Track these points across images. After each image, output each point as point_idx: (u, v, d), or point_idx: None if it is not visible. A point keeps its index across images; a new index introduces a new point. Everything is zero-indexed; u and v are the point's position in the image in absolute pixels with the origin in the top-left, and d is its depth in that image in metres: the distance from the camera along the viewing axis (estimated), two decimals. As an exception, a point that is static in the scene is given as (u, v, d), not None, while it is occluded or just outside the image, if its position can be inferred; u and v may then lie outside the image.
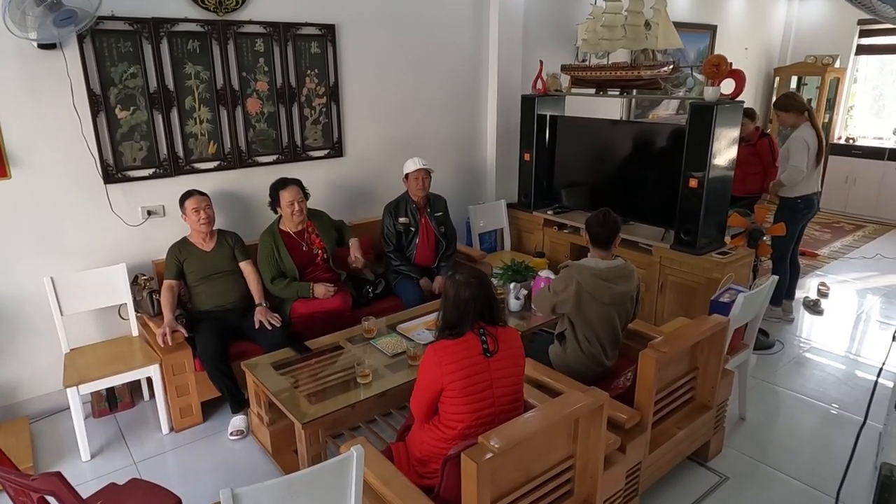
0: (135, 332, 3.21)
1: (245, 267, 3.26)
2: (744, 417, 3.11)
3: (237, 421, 3.01)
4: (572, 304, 2.59)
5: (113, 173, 3.16)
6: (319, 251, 3.44)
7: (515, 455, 1.79)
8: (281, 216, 3.39)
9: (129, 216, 3.25)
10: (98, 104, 3.04)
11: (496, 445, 1.68)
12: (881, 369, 2.18)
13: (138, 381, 3.28)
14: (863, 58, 7.36)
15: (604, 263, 2.62)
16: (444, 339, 2.02)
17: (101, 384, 2.88)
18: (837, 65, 7.12)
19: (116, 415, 3.21)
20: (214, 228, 3.25)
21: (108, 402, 3.21)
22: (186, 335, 3.02)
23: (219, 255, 3.21)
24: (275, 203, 3.35)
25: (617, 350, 2.73)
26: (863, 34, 7.16)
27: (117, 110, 3.10)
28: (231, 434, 2.98)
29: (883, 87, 7.55)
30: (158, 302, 3.12)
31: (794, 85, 7.50)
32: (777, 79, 7.57)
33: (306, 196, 3.40)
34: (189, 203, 3.11)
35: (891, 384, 3.12)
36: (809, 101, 7.29)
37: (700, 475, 2.71)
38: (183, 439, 3.01)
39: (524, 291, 3.36)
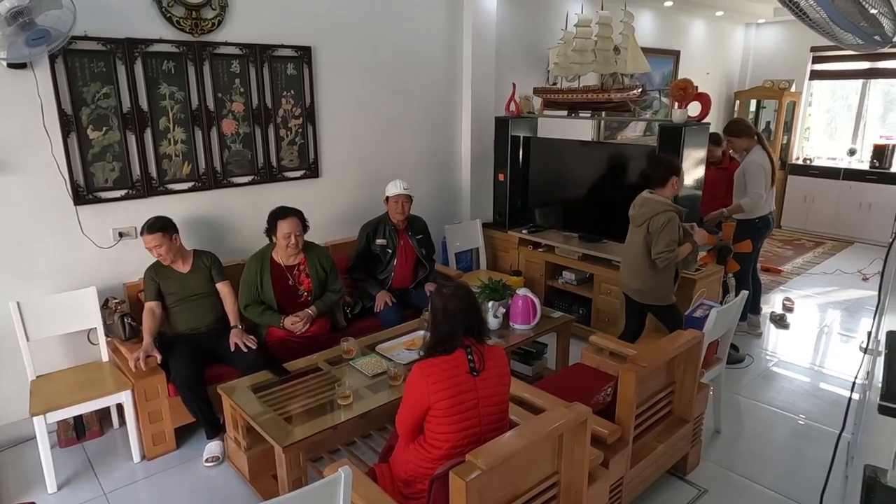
0: (105, 358, 3.12)
1: (222, 288, 3.20)
2: (719, 430, 3.18)
3: (213, 447, 2.93)
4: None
5: (84, 194, 3.09)
6: (305, 292, 3.31)
7: (502, 472, 1.79)
8: (275, 244, 3.29)
9: (99, 238, 3.18)
10: (69, 124, 2.99)
11: (484, 463, 1.68)
12: (854, 383, 2.26)
13: (108, 409, 3.16)
14: (816, 82, 7.72)
15: (644, 193, 3.23)
16: (434, 356, 2.01)
17: (70, 412, 2.78)
18: (793, 89, 7.45)
19: (84, 444, 3.10)
20: (190, 249, 3.20)
21: (76, 431, 3.09)
22: (159, 360, 2.94)
23: (196, 277, 3.14)
24: (271, 231, 3.24)
25: (629, 270, 3.31)
26: (815, 60, 7.53)
27: (89, 130, 3.05)
28: (206, 460, 2.90)
29: (835, 111, 7.92)
30: (130, 326, 3.04)
31: (753, 108, 7.81)
32: (737, 102, 7.87)
33: (305, 228, 3.30)
34: (144, 243, 3.00)
35: (857, 395, 3.23)
36: (768, 123, 7.62)
37: (679, 489, 2.75)
38: (155, 467, 2.91)
39: (502, 310, 3.39)
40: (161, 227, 3.01)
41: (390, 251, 3.73)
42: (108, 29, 3.01)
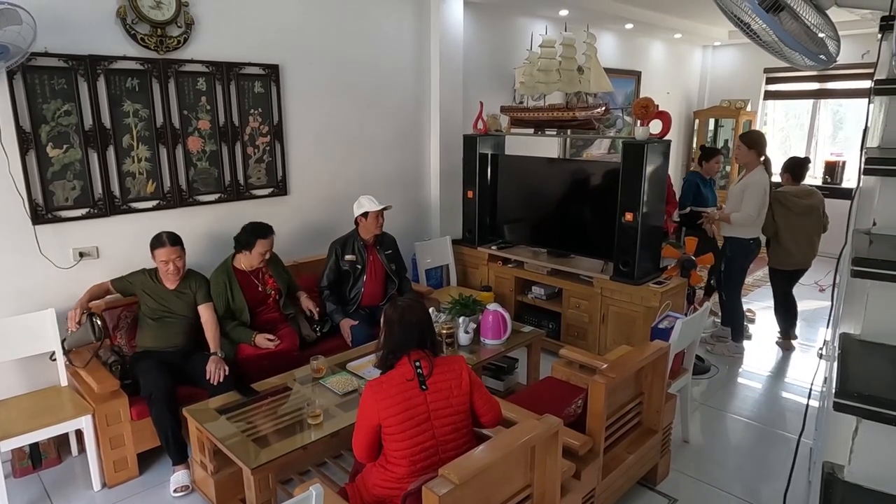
0: (64, 382, 3.01)
1: (204, 311, 3.12)
2: (687, 440, 3.23)
3: (180, 476, 2.81)
4: (770, 217, 4.11)
5: (42, 213, 3.01)
6: (273, 292, 3.40)
7: (476, 486, 1.79)
8: (236, 254, 3.33)
9: (59, 258, 3.09)
10: (28, 142, 2.91)
11: (457, 477, 1.68)
12: (811, 389, 2.35)
13: (66, 435, 3.05)
14: (770, 102, 8.04)
15: (794, 188, 4.17)
16: (387, 369, 2.06)
17: (25, 439, 2.66)
18: (749, 108, 7.74)
19: (41, 473, 2.97)
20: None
21: (32, 460, 2.96)
22: (120, 383, 2.84)
23: (179, 297, 3.09)
24: (244, 245, 3.27)
25: (811, 247, 4.21)
26: (769, 81, 7.84)
27: (49, 148, 2.98)
28: (175, 491, 2.78)
29: (788, 129, 8.25)
30: (99, 327, 2.94)
31: (711, 127, 8.08)
32: (697, 121, 8.13)
33: None
34: (158, 254, 3.00)
35: (816, 403, 3.34)
36: (726, 141, 7.89)
37: (650, 499, 2.78)
38: (117, 495, 2.81)
39: (473, 325, 3.40)
40: (178, 239, 3.05)
41: (360, 267, 3.72)
42: (69, 45, 2.96)
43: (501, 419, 2.18)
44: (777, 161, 4.52)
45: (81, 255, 3.16)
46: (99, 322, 2.97)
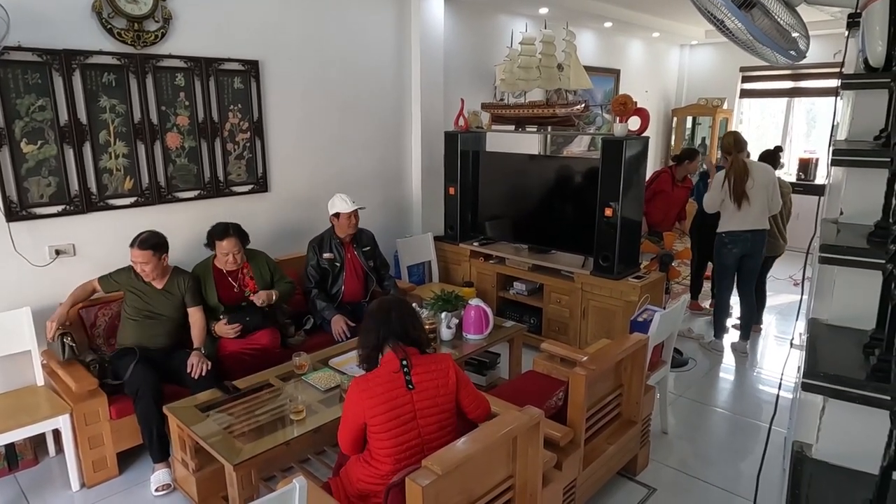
0: (40, 382, 2.97)
1: (193, 313, 3.10)
2: (666, 432, 3.28)
3: (161, 475, 2.78)
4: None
5: (16, 210, 2.96)
6: (251, 294, 3.35)
7: (458, 477, 1.81)
8: (216, 254, 3.31)
9: (34, 256, 3.04)
10: (1, 137, 2.86)
11: (439, 468, 1.69)
12: (781, 377, 2.42)
13: (43, 435, 3.00)
14: (746, 101, 8.18)
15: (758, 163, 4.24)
16: (372, 367, 2.05)
17: (1, 440, 2.62)
18: (725, 106, 7.87)
19: (17, 474, 2.92)
20: (171, 265, 3.12)
21: (8, 461, 2.91)
22: (98, 382, 2.80)
23: (166, 297, 3.05)
24: (211, 247, 3.28)
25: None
26: (745, 80, 7.99)
27: (23, 144, 2.93)
28: (156, 490, 2.75)
29: (764, 128, 8.40)
30: (70, 347, 2.89)
31: (689, 124, 8.20)
32: (675, 119, 8.25)
33: (246, 241, 3.35)
34: (131, 255, 2.96)
35: (790, 395, 3.42)
36: (704, 138, 8.01)
37: (630, 489, 2.83)
38: (96, 496, 2.77)
39: (455, 320, 3.42)
40: (153, 244, 2.95)
41: (338, 265, 3.71)
42: (44, 40, 2.91)
43: (489, 415, 2.19)
44: (754, 158, 4.66)
45: (58, 252, 3.11)
46: (71, 343, 2.88)
